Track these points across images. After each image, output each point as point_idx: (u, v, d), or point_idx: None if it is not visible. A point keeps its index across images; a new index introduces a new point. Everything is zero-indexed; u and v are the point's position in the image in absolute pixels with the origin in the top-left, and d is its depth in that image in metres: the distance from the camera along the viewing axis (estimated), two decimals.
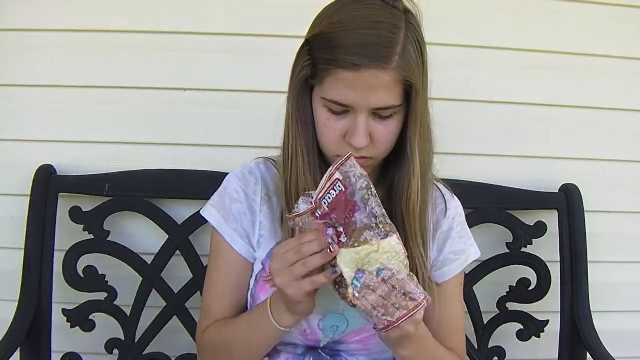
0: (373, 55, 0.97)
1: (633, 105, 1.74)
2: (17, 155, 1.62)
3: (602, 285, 1.72)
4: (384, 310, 0.96)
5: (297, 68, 1.07)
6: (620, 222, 1.77)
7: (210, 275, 1.21)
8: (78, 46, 1.60)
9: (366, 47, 0.97)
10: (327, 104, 1.02)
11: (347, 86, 0.99)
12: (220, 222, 1.17)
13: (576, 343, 1.63)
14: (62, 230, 1.58)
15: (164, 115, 1.64)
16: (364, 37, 0.98)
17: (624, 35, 1.71)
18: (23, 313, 1.50)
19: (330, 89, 1.01)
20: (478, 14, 1.66)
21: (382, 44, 0.98)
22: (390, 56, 0.98)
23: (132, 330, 1.58)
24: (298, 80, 1.06)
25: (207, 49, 1.62)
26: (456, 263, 1.21)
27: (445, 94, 1.63)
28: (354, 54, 0.97)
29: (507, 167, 1.72)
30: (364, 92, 0.99)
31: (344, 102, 1.00)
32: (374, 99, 1.00)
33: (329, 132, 1.04)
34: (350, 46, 0.98)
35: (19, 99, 1.61)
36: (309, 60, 1.03)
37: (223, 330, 1.16)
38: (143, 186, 1.59)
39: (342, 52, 0.98)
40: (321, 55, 1.01)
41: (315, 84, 1.04)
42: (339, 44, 0.98)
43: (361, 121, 1.01)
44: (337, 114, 1.03)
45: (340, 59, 0.98)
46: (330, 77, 1.00)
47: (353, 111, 1.02)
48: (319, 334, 1.16)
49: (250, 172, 1.19)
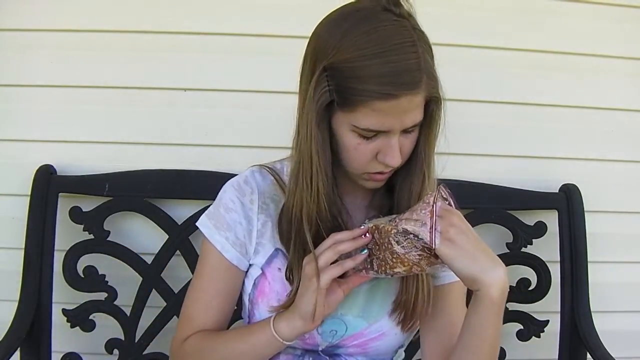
0: (407, 82, 0.97)
1: (633, 105, 1.74)
2: (17, 155, 1.62)
3: (602, 285, 1.73)
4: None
5: (315, 94, 1.02)
6: (620, 222, 1.77)
7: (195, 284, 1.19)
8: (78, 46, 1.60)
9: (398, 75, 0.97)
10: (359, 131, 1.02)
11: (384, 114, 0.99)
12: (212, 231, 1.16)
13: (576, 343, 1.63)
14: (62, 230, 1.58)
15: (164, 115, 1.64)
16: (392, 65, 0.97)
17: (624, 35, 1.71)
18: (23, 313, 1.50)
19: (364, 118, 1.00)
20: (478, 13, 1.66)
21: (411, 69, 0.97)
22: (420, 79, 0.98)
23: (132, 330, 1.58)
24: (318, 107, 1.03)
25: (207, 49, 1.62)
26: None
27: (445, 94, 1.62)
28: (387, 83, 0.96)
29: (507, 167, 1.72)
30: (399, 116, 0.99)
31: (381, 128, 1.00)
32: (407, 121, 1.01)
33: (361, 155, 1.04)
34: (381, 76, 0.97)
35: (19, 99, 1.61)
36: (330, 87, 1.01)
37: (210, 340, 1.15)
38: (143, 186, 1.59)
39: (374, 83, 0.97)
40: (348, 84, 0.99)
41: (342, 110, 1.02)
42: (367, 74, 0.97)
43: (395, 142, 1.02)
44: (369, 138, 1.03)
45: (374, 90, 0.97)
46: (364, 107, 0.99)
47: (386, 133, 1.02)
48: (318, 339, 1.16)
49: (245, 182, 1.18)
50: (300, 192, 1.07)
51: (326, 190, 1.07)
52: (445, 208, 1.01)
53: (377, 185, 1.11)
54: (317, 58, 1.02)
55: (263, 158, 1.24)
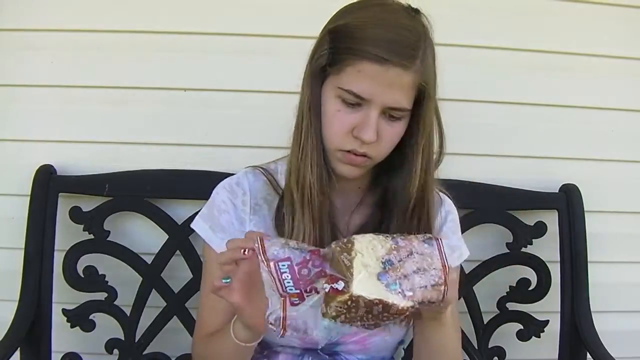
0: (400, 53, 0.98)
1: (633, 105, 1.74)
2: (17, 155, 1.62)
3: (602, 285, 1.73)
4: (427, 279, 0.90)
5: (314, 55, 1.06)
6: (620, 222, 1.77)
7: (202, 288, 1.21)
8: (78, 46, 1.60)
9: (395, 43, 0.99)
10: (342, 94, 1.02)
11: (369, 78, 0.99)
12: (209, 233, 1.17)
13: (576, 343, 1.63)
14: (62, 230, 1.58)
15: (164, 115, 1.64)
16: (391, 35, 1.00)
17: (624, 35, 1.71)
18: (23, 313, 1.50)
19: (350, 79, 1.01)
20: (478, 14, 1.66)
21: (408, 45, 1.00)
22: (414, 58, 0.99)
23: (132, 330, 1.58)
24: (314, 67, 1.06)
25: (207, 49, 1.62)
26: (451, 257, 1.20)
27: (445, 94, 1.61)
28: (381, 47, 0.98)
29: (507, 167, 1.72)
30: (385, 88, 0.99)
31: (362, 94, 1.00)
32: (391, 97, 1.00)
33: (338, 123, 1.04)
34: (378, 39, 0.99)
35: (19, 99, 1.61)
36: (329, 49, 1.03)
37: (203, 346, 1.17)
38: (143, 186, 1.59)
39: (369, 44, 0.99)
40: (345, 44, 1.01)
41: (332, 72, 1.03)
42: (366, 36, 1.00)
43: (373, 116, 1.01)
44: (350, 106, 1.03)
45: (367, 51, 0.98)
46: (352, 67, 1.00)
47: (367, 105, 1.01)
48: (317, 337, 1.16)
49: (237, 184, 1.19)
50: (293, 156, 1.09)
51: (316, 155, 1.07)
52: None
53: (353, 173, 1.09)
54: (325, 26, 1.07)
55: (263, 158, 1.25)
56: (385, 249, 0.91)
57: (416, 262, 0.90)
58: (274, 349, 1.21)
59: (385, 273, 0.89)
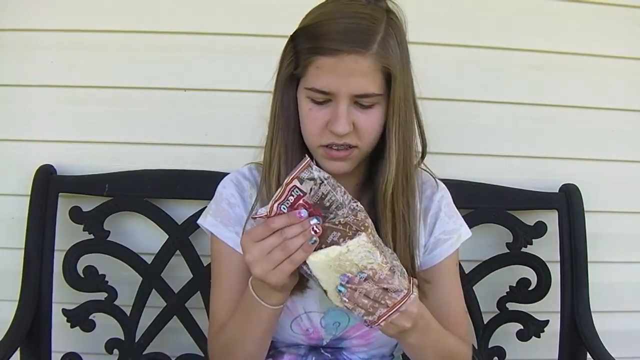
0: (352, 41, 0.99)
1: (633, 105, 1.74)
2: (17, 155, 1.62)
3: (602, 285, 1.73)
4: (371, 308, 0.95)
5: (283, 64, 1.08)
6: (620, 222, 1.77)
7: (214, 284, 1.20)
8: (78, 46, 1.60)
9: (346, 33, 1.00)
10: (310, 94, 1.03)
11: (327, 72, 1.00)
12: (220, 228, 1.16)
13: (576, 343, 1.63)
14: (62, 230, 1.58)
15: (164, 115, 1.64)
16: (343, 25, 1.00)
17: (624, 35, 1.71)
18: (23, 313, 1.50)
19: (312, 77, 1.02)
20: (477, 14, 1.66)
21: (361, 31, 1.00)
22: (369, 42, 0.99)
23: (132, 330, 1.58)
24: (283, 75, 1.08)
25: (207, 49, 1.62)
26: (448, 242, 1.20)
27: (445, 94, 1.62)
28: (334, 39, 0.99)
29: (507, 167, 1.72)
30: (344, 77, 1.00)
31: (325, 89, 1.01)
32: (353, 85, 1.00)
33: (312, 121, 1.05)
34: (331, 33, 1.00)
35: (19, 99, 1.61)
36: (294, 54, 1.05)
37: (223, 335, 1.14)
38: (143, 186, 1.59)
39: (322, 40, 1.00)
40: (304, 46, 1.03)
41: (299, 75, 1.05)
42: (320, 33, 1.01)
43: (342, 107, 1.02)
44: (320, 103, 1.04)
45: (321, 46, 1.00)
46: (312, 65, 1.01)
47: (334, 99, 1.02)
48: (322, 332, 1.16)
49: (244, 177, 1.20)
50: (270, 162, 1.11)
51: (288, 162, 1.08)
52: None
53: (342, 168, 1.08)
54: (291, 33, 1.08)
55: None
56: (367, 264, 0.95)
57: (373, 291, 0.95)
58: (279, 350, 1.21)
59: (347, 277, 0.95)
